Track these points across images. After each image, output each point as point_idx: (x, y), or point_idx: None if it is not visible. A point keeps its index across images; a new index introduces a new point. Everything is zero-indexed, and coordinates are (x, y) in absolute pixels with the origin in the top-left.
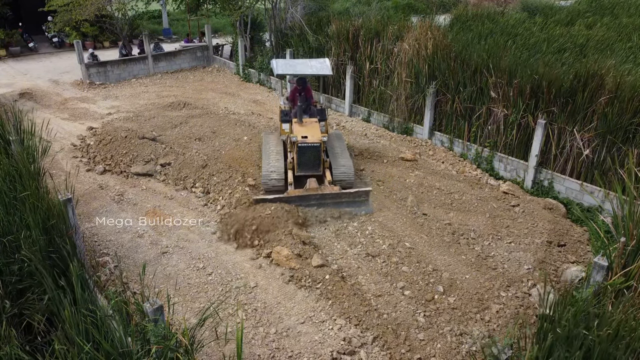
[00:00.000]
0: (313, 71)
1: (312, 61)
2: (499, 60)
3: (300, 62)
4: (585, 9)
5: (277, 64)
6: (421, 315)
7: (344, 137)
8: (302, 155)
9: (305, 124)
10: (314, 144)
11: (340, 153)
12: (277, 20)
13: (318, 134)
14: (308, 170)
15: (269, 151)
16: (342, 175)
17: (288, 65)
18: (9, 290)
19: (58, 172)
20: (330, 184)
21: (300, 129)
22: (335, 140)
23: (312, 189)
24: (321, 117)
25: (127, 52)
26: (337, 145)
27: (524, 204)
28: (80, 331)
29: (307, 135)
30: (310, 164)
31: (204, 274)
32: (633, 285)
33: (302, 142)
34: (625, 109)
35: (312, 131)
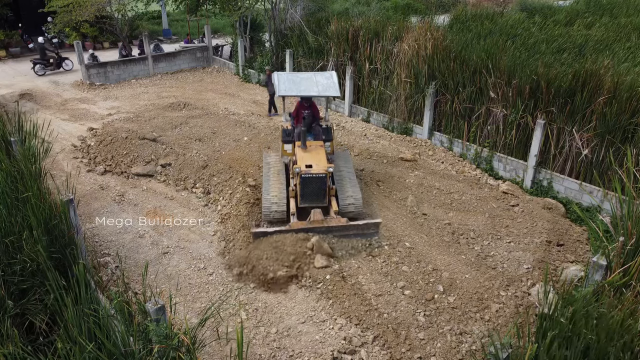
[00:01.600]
0: (319, 89)
1: (318, 76)
2: (498, 61)
3: (304, 77)
4: (584, 9)
5: (279, 80)
6: (421, 315)
7: (350, 158)
8: (306, 186)
9: (310, 149)
10: (319, 175)
11: (348, 179)
12: (276, 21)
13: (324, 162)
14: (312, 202)
15: (270, 177)
16: (349, 207)
17: (292, 83)
18: (11, 290)
19: (59, 172)
20: (337, 214)
21: (304, 156)
22: (341, 161)
23: (316, 221)
24: (327, 137)
25: (127, 52)
26: (344, 168)
27: (523, 203)
28: (82, 331)
29: (312, 164)
30: (315, 195)
31: (205, 274)
32: (632, 284)
33: (306, 172)
34: (624, 109)
35: (318, 159)
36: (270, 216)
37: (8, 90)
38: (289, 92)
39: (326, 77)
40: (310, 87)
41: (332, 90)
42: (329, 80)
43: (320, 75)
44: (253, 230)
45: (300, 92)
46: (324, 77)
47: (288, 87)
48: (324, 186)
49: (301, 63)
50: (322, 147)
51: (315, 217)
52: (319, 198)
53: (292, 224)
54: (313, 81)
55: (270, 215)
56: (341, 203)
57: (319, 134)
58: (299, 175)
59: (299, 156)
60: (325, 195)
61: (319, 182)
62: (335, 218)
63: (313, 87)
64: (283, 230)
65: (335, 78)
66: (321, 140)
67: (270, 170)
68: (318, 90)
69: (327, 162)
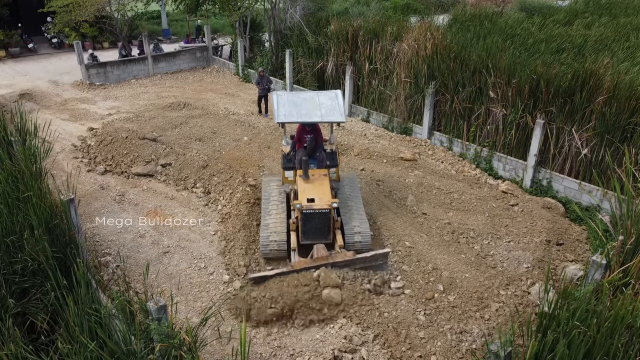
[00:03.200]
0: (322, 113)
1: (321, 96)
2: (497, 61)
3: (306, 98)
4: (583, 9)
5: (278, 103)
6: (421, 314)
7: (357, 183)
8: (308, 223)
9: (312, 180)
10: (323, 211)
11: (355, 209)
12: (276, 21)
13: (328, 195)
14: (315, 239)
15: (269, 207)
16: (357, 243)
17: (292, 105)
18: (12, 289)
19: (59, 172)
20: (342, 249)
21: (306, 188)
22: (348, 188)
23: (320, 258)
24: (332, 162)
25: (127, 52)
26: (351, 196)
27: (523, 203)
28: (84, 330)
29: (315, 197)
30: (318, 232)
31: (206, 273)
32: (631, 283)
33: (308, 207)
34: (623, 109)
35: (321, 191)
36: (269, 253)
37: (8, 90)
38: (289, 118)
39: (330, 98)
40: (312, 111)
41: (336, 114)
42: (334, 102)
43: (324, 95)
44: (251, 276)
45: (301, 116)
46: (328, 97)
47: (288, 111)
48: (327, 222)
49: (301, 63)
50: (326, 177)
51: (319, 254)
52: (322, 235)
53: (295, 264)
54: (316, 103)
55: (269, 251)
56: (347, 236)
57: (322, 160)
58: (300, 211)
59: (301, 188)
60: (329, 231)
61: (322, 218)
62: (341, 252)
63: (316, 110)
64: (285, 272)
65: (340, 99)
66: (325, 167)
67: (269, 199)
68: (321, 115)
69: (331, 195)
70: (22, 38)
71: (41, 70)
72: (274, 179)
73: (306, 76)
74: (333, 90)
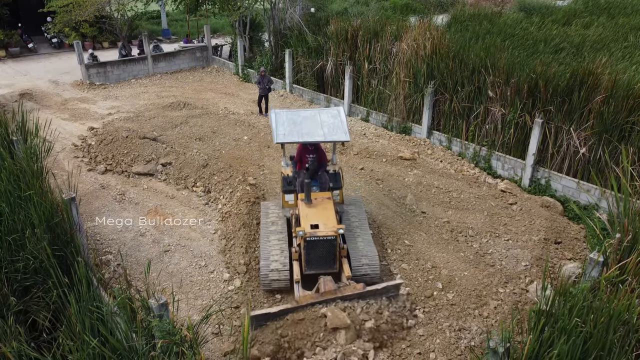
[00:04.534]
0: (325, 132)
1: (323, 114)
2: (496, 60)
3: (307, 117)
4: (582, 9)
5: (277, 122)
6: (420, 312)
7: (363, 205)
8: (312, 251)
9: (315, 204)
10: (328, 238)
11: (361, 235)
12: (276, 21)
13: (333, 220)
14: (319, 268)
15: (268, 234)
16: (365, 276)
17: (292, 124)
18: (14, 287)
19: (60, 172)
20: (349, 280)
21: (309, 213)
22: (353, 212)
23: (328, 292)
24: (335, 184)
25: (127, 52)
26: (356, 220)
27: (522, 202)
28: (85, 327)
29: (318, 223)
30: (323, 261)
31: (206, 271)
32: (628, 279)
33: (312, 235)
34: (621, 108)
35: (325, 217)
36: (270, 284)
37: (8, 90)
38: (289, 138)
39: (332, 116)
40: (314, 130)
41: (340, 133)
42: (336, 120)
43: (326, 113)
44: (253, 314)
45: (302, 136)
46: (330, 115)
47: (288, 131)
48: (333, 250)
49: (300, 63)
50: (330, 201)
51: (326, 288)
52: (327, 264)
53: (300, 299)
54: (317, 121)
55: (270, 282)
56: (354, 265)
57: (325, 182)
58: (303, 239)
59: (303, 213)
60: (335, 260)
61: (328, 246)
62: (350, 285)
63: (317, 129)
64: (289, 309)
65: (343, 116)
66: (328, 189)
67: (269, 226)
68: (324, 134)
69: (336, 220)
70: (22, 38)
71: (41, 70)
72: (272, 203)
73: (306, 76)
74: (335, 107)
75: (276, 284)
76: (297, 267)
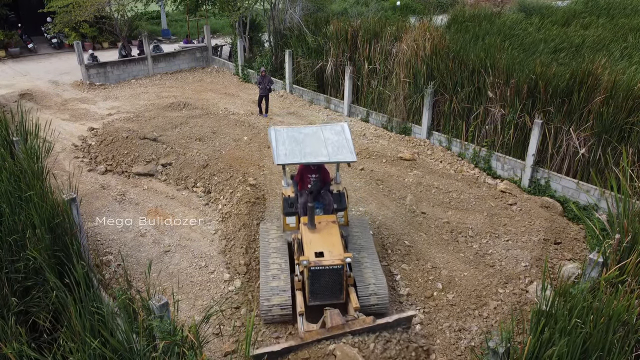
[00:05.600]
0: (329, 152)
1: (326, 130)
2: (496, 61)
3: (309, 134)
4: (582, 10)
5: (276, 140)
6: (421, 312)
7: (369, 227)
8: (317, 281)
9: (320, 229)
10: (334, 267)
11: (368, 261)
12: (276, 21)
13: (339, 247)
14: (324, 299)
15: (268, 260)
16: (373, 306)
17: (293, 142)
18: (15, 288)
19: (60, 172)
20: (357, 312)
21: (313, 239)
22: (358, 234)
23: (336, 327)
24: (339, 206)
25: (127, 53)
26: (362, 243)
27: (521, 202)
28: (86, 328)
29: (324, 250)
30: (328, 291)
31: (207, 272)
32: (627, 280)
33: (317, 264)
34: (620, 108)
35: (330, 243)
36: (271, 318)
37: (8, 90)
38: (292, 158)
39: (336, 132)
40: (317, 149)
41: (345, 152)
42: (340, 137)
43: (329, 129)
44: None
45: (305, 156)
46: (334, 132)
47: (289, 150)
48: (340, 280)
49: (300, 63)
50: (335, 225)
51: (333, 322)
52: (333, 294)
53: (305, 335)
54: (320, 139)
55: (271, 316)
56: (361, 294)
57: (329, 203)
58: (307, 268)
59: (306, 239)
60: (342, 290)
61: (334, 275)
62: (359, 318)
63: (321, 148)
64: (294, 346)
65: (348, 133)
66: (332, 211)
67: (268, 251)
68: (328, 153)
69: (342, 246)
70: (22, 38)
71: (41, 70)
72: (272, 226)
73: (306, 76)
74: (339, 124)
75: (279, 317)
76: (301, 298)
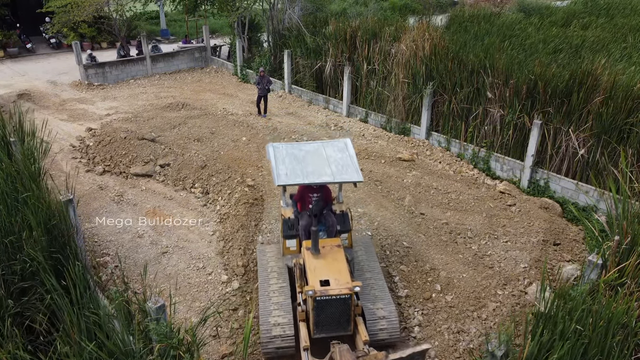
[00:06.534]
0: (333, 171)
1: (328, 147)
2: (495, 61)
3: (310, 151)
4: (581, 10)
5: (275, 158)
6: (419, 313)
7: (374, 248)
8: (322, 312)
9: (324, 254)
10: (341, 297)
11: (375, 286)
12: (274, 21)
13: (346, 275)
14: (331, 331)
15: (268, 287)
16: (383, 340)
17: (293, 160)
18: (11, 290)
19: (57, 172)
20: (367, 345)
21: (317, 266)
22: (363, 256)
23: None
24: (343, 227)
25: (125, 53)
26: (367, 265)
27: (520, 203)
28: (82, 330)
29: (329, 278)
30: (335, 323)
31: (204, 273)
32: (627, 282)
33: (322, 294)
34: (620, 109)
35: (336, 270)
36: (273, 351)
37: (6, 91)
38: (293, 178)
39: (339, 149)
40: (320, 168)
41: (351, 171)
42: (344, 154)
43: (331, 146)
44: None
45: (307, 176)
46: (337, 148)
47: (290, 169)
48: (347, 311)
49: (299, 63)
50: (340, 250)
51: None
52: (340, 326)
53: None
54: (322, 156)
55: (273, 350)
56: (370, 325)
57: (332, 225)
58: (312, 299)
59: (310, 266)
60: (349, 321)
61: (341, 306)
62: (370, 354)
63: (324, 166)
64: None
65: (352, 149)
66: (335, 234)
67: (267, 277)
68: (332, 173)
69: (349, 272)
70: (21, 38)
71: (39, 71)
72: (271, 249)
73: (304, 76)
74: (342, 140)
75: (281, 351)
76: (304, 330)
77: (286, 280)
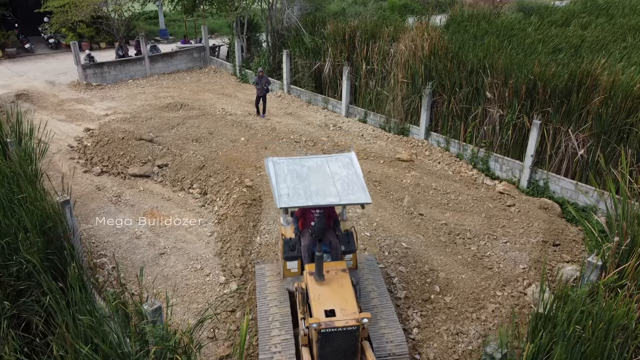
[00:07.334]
0: (338, 190)
1: (332, 162)
2: (494, 61)
3: (313, 168)
4: (581, 10)
5: (276, 175)
6: (418, 315)
7: (378, 268)
8: (328, 344)
9: (328, 280)
10: (348, 329)
11: (382, 309)
12: (273, 21)
13: (352, 304)
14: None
15: (267, 312)
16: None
17: (295, 178)
18: (7, 291)
19: (55, 173)
20: None
21: (321, 294)
22: (368, 277)
23: None
24: (348, 248)
25: (124, 53)
26: (372, 286)
27: (520, 203)
28: (78, 333)
29: (335, 308)
30: (341, 355)
31: (202, 274)
32: (626, 284)
33: (328, 325)
34: (619, 109)
35: (342, 298)
36: None
37: (4, 91)
38: (296, 200)
39: (344, 165)
40: (325, 187)
41: (358, 191)
42: (350, 171)
43: (335, 161)
44: None
45: (311, 196)
46: (341, 163)
47: (292, 189)
48: (354, 342)
49: (298, 63)
50: (345, 275)
51: None
52: (346, 358)
53: None
54: (326, 173)
55: None
56: (377, 350)
57: (336, 247)
58: (316, 331)
59: (314, 293)
60: (356, 353)
61: (348, 338)
62: None
63: (329, 186)
64: None
65: (357, 165)
66: (340, 256)
67: (267, 300)
68: (337, 192)
69: (356, 300)
70: (19, 38)
71: (38, 71)
72: (270, 270)
73: (303, 76)
74: (346, 154)
75: None
76: (307, 356)
77: (286, 304)
